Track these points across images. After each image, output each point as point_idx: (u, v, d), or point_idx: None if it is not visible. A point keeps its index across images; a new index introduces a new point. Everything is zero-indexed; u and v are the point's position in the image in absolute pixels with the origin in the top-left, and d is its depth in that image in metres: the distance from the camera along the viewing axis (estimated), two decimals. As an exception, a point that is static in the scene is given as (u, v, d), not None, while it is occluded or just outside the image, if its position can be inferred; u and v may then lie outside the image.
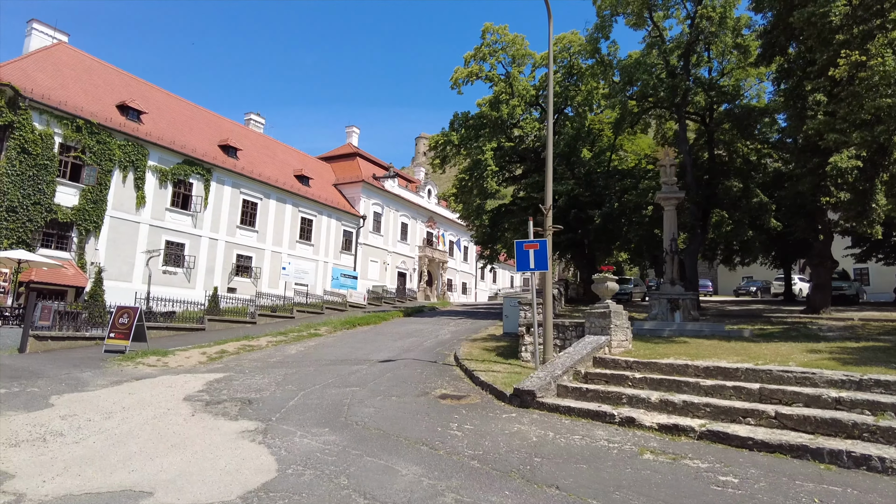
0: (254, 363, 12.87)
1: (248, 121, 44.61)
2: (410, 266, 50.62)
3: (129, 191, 28.56)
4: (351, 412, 8.28)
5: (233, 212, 34.13)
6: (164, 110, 33.65)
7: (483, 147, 26.54)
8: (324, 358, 13.90)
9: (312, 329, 19.70)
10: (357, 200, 44.72)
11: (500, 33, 27.72)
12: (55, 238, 25.60)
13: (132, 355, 12.64)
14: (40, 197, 24.73)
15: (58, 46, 30.32)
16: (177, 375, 11.02)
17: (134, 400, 8.81)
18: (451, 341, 17.85)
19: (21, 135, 24.25)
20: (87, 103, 27.55)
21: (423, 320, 25.65)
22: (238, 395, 9.29)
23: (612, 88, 25.41)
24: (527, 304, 13.28)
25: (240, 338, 16.55)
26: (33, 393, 8.94)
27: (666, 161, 16.55)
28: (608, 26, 25.97)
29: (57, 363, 11.65)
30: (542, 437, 7.10)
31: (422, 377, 11.41)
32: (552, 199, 25.66)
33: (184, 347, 14.30)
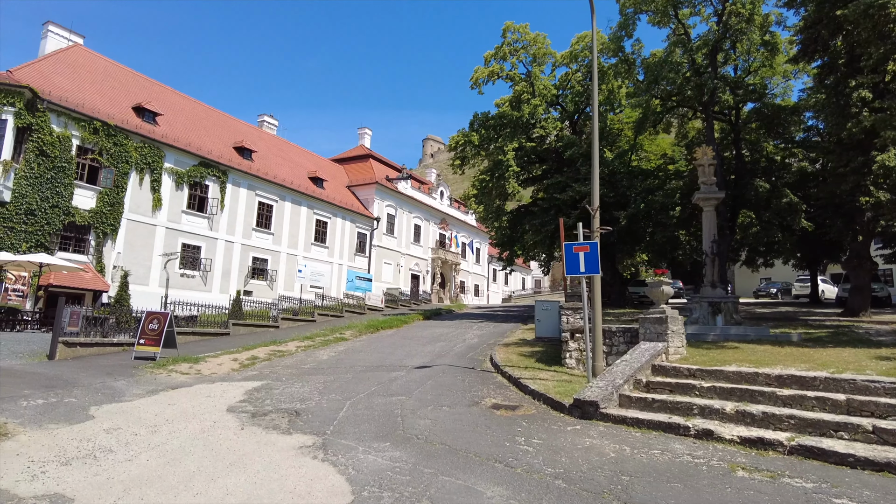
0: (288, 370, 12.46)
1: (262, 122, 44.37)
2: (423, 268, 50.21)
3: (145, 193, 28.27)
4: (406, 424, 7.86)
5: (248, 214, 33.82)
6: (179, 112, 33.39)
7: (504, 147, 26.09)
8: (358, 364, 13.49)
9: (338, 333, 19.30)
10: (371, 202, 44.36)
11: (520, 32, 27.29)
12: (73, 241, 25.32)
13: (163, 362, 12.25)
14: (58, 200, 24.46)
15: (74, 48, 30.11)
16: (213, 384, 10.63)
17: (176, 411, 8.41)
18: (480, 346, 17.43)
19: (39, 137, 24.01)
20: (103, 105, 27.30)
21: (445, 324, 25.21)
22: (283, 406, 8.87)
23: (637, 87, 24.96)
24: (569, 308, 12.84)
25: (267, 343, 16.16)
26: (71, 404, 8.55)
27: (704, 160, 16.07)
28: (632, 24, 25.56)
29: (89, 371, 11.27)
30: (619, 453, 6.65)
31: (465, 385, 10.97)
32: (578, 200, 25.36)
33: (214, 354, 13.91)
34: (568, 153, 26.04)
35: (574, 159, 26.27)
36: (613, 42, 25.86)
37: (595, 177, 11.86)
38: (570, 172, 26.23)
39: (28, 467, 5.74)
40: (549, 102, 28.18)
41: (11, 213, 23.03)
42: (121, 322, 14.36)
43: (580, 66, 28.74)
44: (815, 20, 15.55)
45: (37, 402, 8.44)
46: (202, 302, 24.41)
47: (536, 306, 17.60)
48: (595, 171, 11.88)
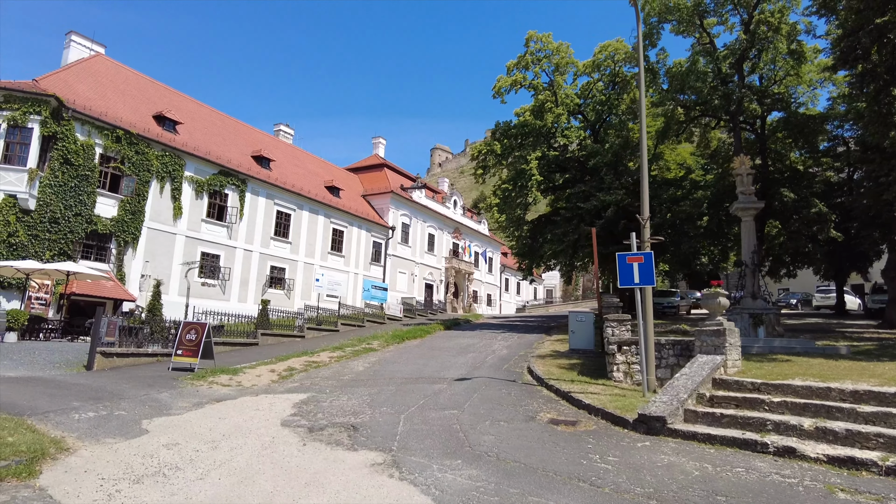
0: (328, 382, 12.23)
1: (278, 131, 44.43)
2: (437, 277, 49.99)
3: (165, 202, 28.23)
4: (471, 440, 7.60)
5: (267, 223, 33.74)
6: (198, 121, 33.44)
7: (528, 156, 25.91)
8: (396, 376, 13.24)
9: (365, 343, 19.07)
10: (386, 211, 44.25)
11: (543, 41, 27.21)
12: (94, 249, 25.26)
13: (202, 374, 12.03)
14: (81, 208, 24.43)
15: (96, 58, 30.24)
16: (257, 397, 10.40)
17: (229, 426, 8.19)
18: (511, 357, 17.17)
19: (64, 145, 24.03)
20: (125, 114, 27.35)
21: (468, 334, 24.94)
22: (337, 420, 8.64)
23: (662, 96, 24.78)
24: (614, 320, 12.57)
25: (299, 353, 15.93)
26: (122, 417, 8.35)
27: (742, 170, 15.82)
28: (656, 34, 25.45)
29: (130, 382, 11.06)
30: (703, 471, 6.39)
31: (513, 399, 10.72)
32: (603, 209, 25.13)
33: (250, 365, 13.68)
34: (592, 162, 25.86)
35: (598, 168, 26.07)
36: (637, 51, 25.68)
37: (644, 186, 11.60)
38: (594, 182, 26.02)
39: (101, 486, 5.53)
40: (570, 111, 28.04)
41: (36, 221, 23.01)
42: (154, 332, 14.17)
43: (602, 75, 28.63)
44: (855, 28, 15.36)
45: (88, 415, 8.24)
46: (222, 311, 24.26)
47: (570, 318, 17.32)
48: (644, 180, 11.63)
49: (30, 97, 23.14)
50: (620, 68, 27.84)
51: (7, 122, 22.78)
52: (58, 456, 6.27)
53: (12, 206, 22.46)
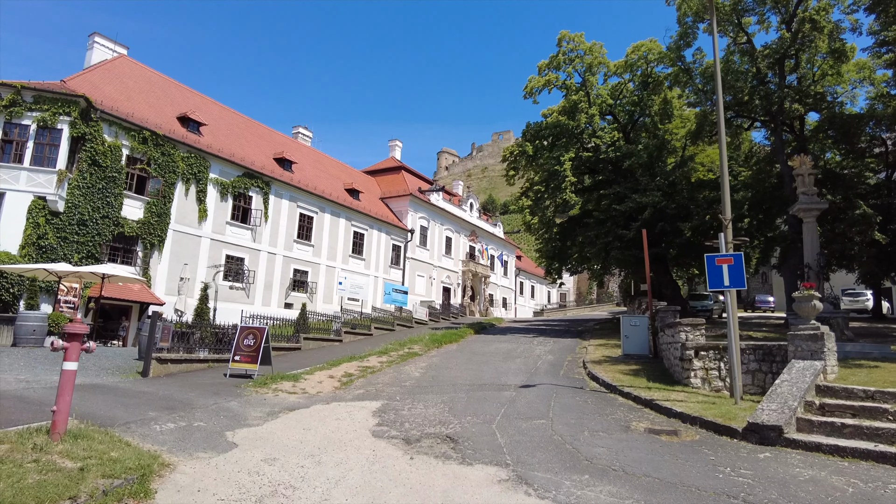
0: (391, 388, 11.77)
1: (297, 134, 44.09)
2: (455, 280, 49.53)
3: (191, 204, 27.84)
4: (584, 453, 7.14)
5: (290, 226, 33.34)
6: (221, 123, 33.08)
7: (561, 157, 25.46)
8: (457, 382, 12.77)
9: (406, 347, 18.61)
10: (404, 214, 43.83)
11: (576, 41, 26.80)
12: (121, 252, 24.87)
13: (262, 380, 11.55)
14: (108, 210, 24.05)
15: (120, 59, 29.93)
16: (328, 405, 9.94)
17: (318, 438, 7.73)
18: (561, 363, 16.72)
19: (92, 146, 23.66)
20: (150, 115, 26.99)
21: (501, 338, 24.46)
22: (429, 431, 8.18)
23: (699, 97, 24.29)
24: (687, 325, 12.09)
25: (348, 358, 15.45)
26: (203, 428, 7.89)
27: (803, 170, 15.37)
28: (692, 34, 24.98)
29: (193, 390, 10.59)
30: (856, 487, 5.93)
31: (593, 407, 10.25)
32: (639, 211, 24.67)
33: (306, 370, 13.20)
34: (627, 163, 25.40)
35: (633, 170, 25.61)
36: (673, 51, 25.30)
37: (725, 186, 11.11)
38: (629, 183, 25.56)
39: (226, 506, 5.08)
40: (602, 112, 27.62)
41: (65, 223, 22.63)
42: (204, 337, 13.72)
43: (633, 75, 28.19)
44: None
45: (168, 426, 7.78)
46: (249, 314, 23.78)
47: (623, 322, 16.84)
48: (724, 178, 11.14)
49: (59, 98, 22.79)
50: (653, 69, 27.40)
51: (37, 122, 22.43)
52: (162, 473, 5.82)
53: (42, 209, 22.09)
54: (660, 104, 27.70)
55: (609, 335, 25.47)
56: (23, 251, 21.59)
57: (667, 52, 25.74)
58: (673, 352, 13.03)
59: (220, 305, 27.60)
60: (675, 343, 12.80)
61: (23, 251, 21.59)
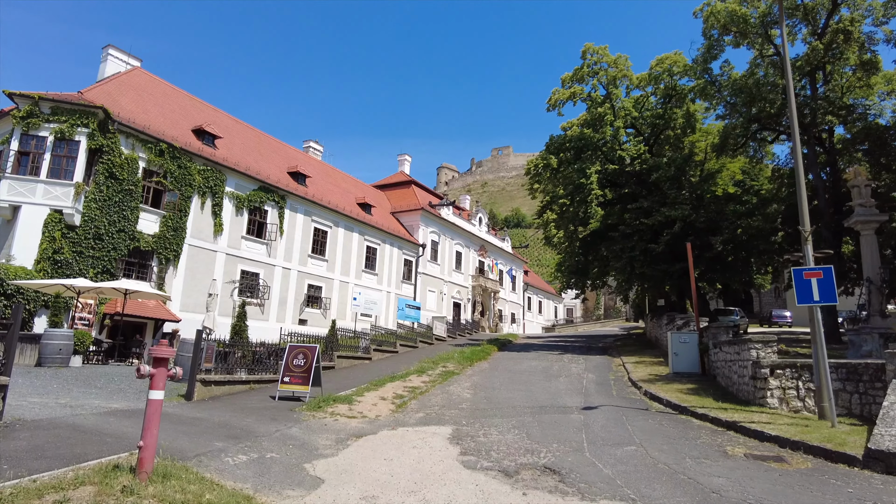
0: (449, 410, 11.10)
1: (307, 148, 43.59)
2: (465, 296, 48.86)
3: (206, 218, 27.20)
4: (705, 483, 6.51)
5: (304, 240, 32.70)
6: (235, 136, 32.57)
7: (587, 170, 25.02)
8: (513, 404, 12.12)
9: (441, 366, 17.97)
10: (415, 229, 43.27)
11: (600, 53, 26.53)
12: (136, 267, 24.17)
13: (316, 403, 10.82)
14: (125, 224, 23.38)
15: (135, 71, 29.45)
16: (395, 431, 9.26)
17: (405, 469, 7.07)
18: (606, 382, 16.15)
19: (109, 159, 23.07)
20: (166, 127, 26.43)
21: (529, 356, 23.80)
22: (521, 461, 7.52)
23: (728, 109, 23.93)
24: (758, 342, 11.50)
25: (388, 377, 14.74)
26: (277, 460, 7.21)
27: (859, 181, 14.94)
28: (717, 47, 24.69)
29: (247, 415, 9.85)
30: None
31: (672, 430, 9.63)
32: (667, 224, 24.20)
33: (353, 391, 12.48)
34: (654, 176, 24.98)
35: (660, 182, 25.19)
36: (699, 64, 25.01)
37: (802, 197, 10.52)
38: (657, 196, 25.11)
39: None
40: (625, 125, 27.26)
41: (80, 237, 21.95)
42: (245, 356, 12.96)
43: (656, 88, 27.90)
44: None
45: (240, 458, 7.10)
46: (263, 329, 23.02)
47: (673, 339, 16.23)
48: (801, 190, 10.57)
49: (77, 109, 22.25)
50: (676, 81, 27.12)
51: (54, 134, 21.85)
52: (261, 515, 5.16)
53: (58, 222, 21.42)
54: (683, 117, 27.37)
55: (638, 352, 24.88)
56: (38, 266, 20.88)
57: (692, 64, 25.44)
58: (738, 370, 12.44)
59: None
60: (741, 361, 12.21)
61: (38, 266, 20.88)
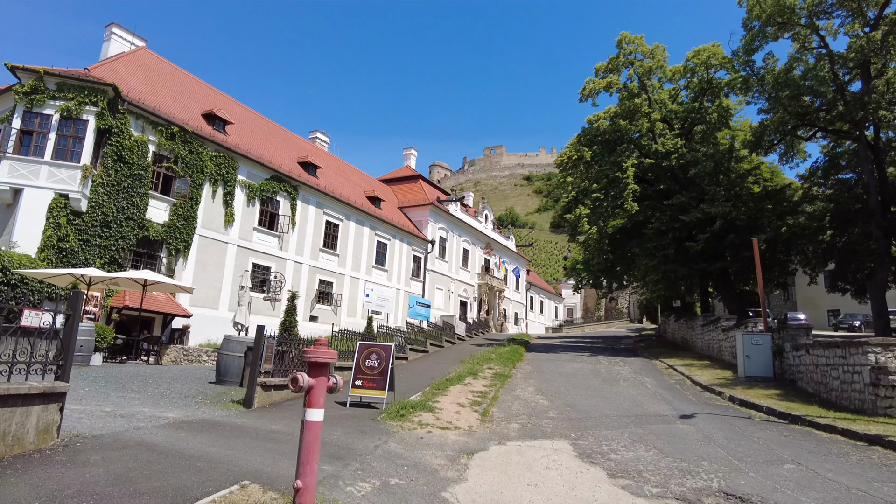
0: (539, 419, 9.82)
1: (314, 139, 41.96)
2: (471, 294, 47.63)
3: (217, 207, 25.61)
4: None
5: (316, 233, 31.18)
6: (244, 123, 30.92)
7: (623, 164, 23.89)
8: (600, 411, 10.90)
9: (486, 367, 16.78)
10: (424, 224, 41.90)
11: (636, 43, 25.42)
12: (144, 258, 22.55)
13: (394, 410, 9.40)
14: (133, 211, 21.76)
15: (141, 51, 27.68)
16: (504, 446, 7.95)
17: (562, 498, 5.80)
18: (669, 386, 15.15)
19: (118, 141, 21.41)
20: (176, 110, 24.79)
21: (562, 357, 22.68)
22: (691, 485, 6.29)
23: (773, 103, 22.95)
24: (879, 344, 10.40)
25: (444, 381, 13.36)
26: (406, 488, 5.86)
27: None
28: (762, 37, 23.70)
29: (328, 426, 8.30)
30: None
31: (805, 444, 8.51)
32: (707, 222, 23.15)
33: (424, 396, 11.11)
34: (693, 171, 23.94)
35: (698, 178, 24.16)
36: (739, 56, 24.00)
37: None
38: (694, 192, 24.08)
39: None
40: (661, 118, 26.19)
41: (87, 224, 20.29)
42: (296, 355, 11.52)
43: (689, 81, 26.88)
44: None
45: (363, 487, 5.76)
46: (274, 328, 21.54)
47: (744, 341, 15.14)
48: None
49: (86, 86, 20.56)
50: (712, 75, 26.10)
51: (60, 112, 20.14)
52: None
53: (63, 207, 19.74)
54: (716, 111, 26.38)
55: (671, 353, 24.02)
56: (42, 254, 19.21)
57: (731, 56, 24.44)
58: (842, 375, 11.38)
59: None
60: (848, 366, 11.14)
61: (42, 254, 19.21)
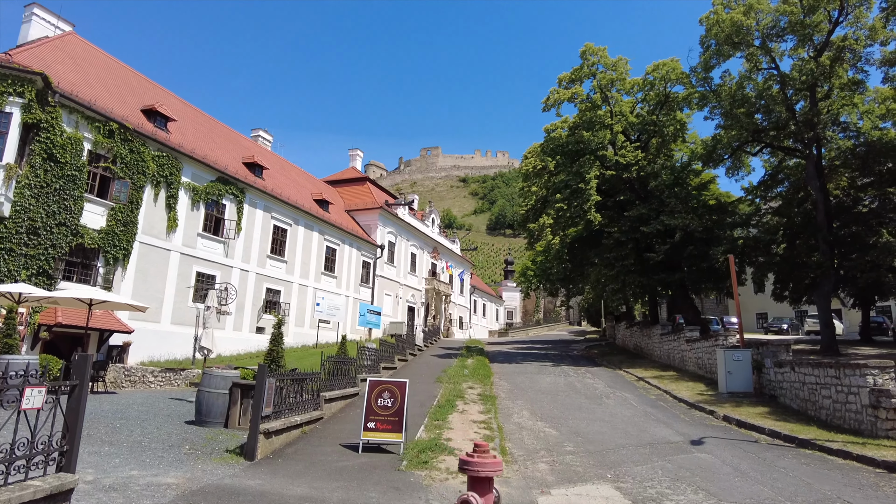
0: (558, 455, 9.26)
1: (256, 137, 39.71)
2: (419, 299, 46.88)
3: (160, 211, 23.59)
4: None
5: (264, 239, 29.44)
6: (186, 120, 28.68)
7: (586, 175, 23.98)
8: (610, 440, 10.53)
9: (466, 385, 16.18)
10: (373, 229, 40.75)
11: (599, 55, 25.59)
12: (78, 268, 20.41)
13: (414, 455, 8.29)
14: (66, 216, 19.57)
15: (69, 37, 25.00)
16: (549, 495, 7.28)
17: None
18: (655, 404, 15.17)
19: (48, 137, 19.16)
20: (114, 105, 22.56)
21: (527, 368, 22.46)
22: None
23: (732, 120, 23.69)
24: (875, 367, 10.63)
25: (438, 409, 12.56)
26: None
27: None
28: (719, 55, 24.44)
29: (351, 482, 7.09)
30: None
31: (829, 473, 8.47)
32: (667, 233, 23.61)
33: (429, 431, 10.27)
34: (653, 183, 24.38)
35: (658, 190, 24.63)
36: (699, 73, 24.69)
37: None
38: (654, 204, 24.53)
39: None
40: (622, 129, 26.55)
41: (11, 231, 18.00)
42: (300, 391, 10.17)
43: (647, 95, 27.44)
44: None
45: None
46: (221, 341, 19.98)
47: (725, 356, 15.30)
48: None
49: (9, 73, 18.22)
50: (669, 89, 26.74)
51: (-23, 103, 17.72)
52: None
53: (-18, 212, 17.38)
54: (672, 124, 27.07)
55: (630, 362, 24.38)
56: (-44, 267, 16.80)
57: (690, 72, 25.13)
58: (835, 395, 11.62)
59: (186, 331, 23.44)
60: (842, 386, 11.38)
61: (-44, 267, 16.80)
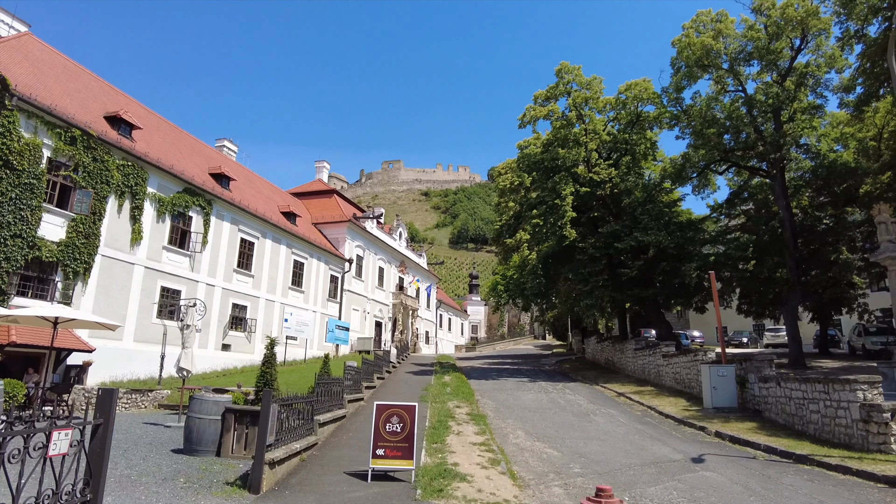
0: (567, 478, 9.03)
1: (221, 147, 38.52)
2: (386, 314, 46.22)
3: (124, 223, 22.48)
4: None
5: (230, 252, 28.43)
6: (151, 129, 27.51)
7: (562, 191, 24.19)
8: (613, 460, 10.41)
9: (453, 403, 15.86)
10: (341, 242, 40.03)
11: (575, 73, 26.00)
12: (35, 282, 19.18)
13: (427, 482, 7.86)
14: (22, 227, 18.35)
15: (26, 37, 23.71)
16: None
17: None
18: (644, 420, 15.16)
19: (5, 143, 17.97)
20: (76, 110, 21.45)
21: (504, 385, 22.31)
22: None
23: (699, 140, 24.39)
24: (864, 382, 10.89)
25: (434, 430, 12.19)
26: None
27: (885, 218, 15.39)
28: (689, 77, 25.18)
29: None
30: None
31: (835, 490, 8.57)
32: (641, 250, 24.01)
33: (434, 455, 9.88)
34: (627, 200, 24.80)
35: (632, 207, 25.06)
36: (671, 93, 25.37)
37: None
38: (628, 220, 24.93)
39: None
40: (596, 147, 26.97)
41: (-38, 243, 16.71)
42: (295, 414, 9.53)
43: (618, 113, 28.02)
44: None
45: None
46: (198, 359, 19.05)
47: (710, 372, 15.49)
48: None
49: (-36, 75, 17.03)
50: (641, 109, 27.38)
51: (-72, 105, 16.48)
52: None
53: (-69, 223, 16.09)
54: (642, 142, 27.69)
55: (606, 377, 24.53)
56: None
57: (661, 93, 25.80)
58: (824, 410, 11.88)
59: (147, 348, 22.38)
60: (831, 401, 11.64)
61: None
